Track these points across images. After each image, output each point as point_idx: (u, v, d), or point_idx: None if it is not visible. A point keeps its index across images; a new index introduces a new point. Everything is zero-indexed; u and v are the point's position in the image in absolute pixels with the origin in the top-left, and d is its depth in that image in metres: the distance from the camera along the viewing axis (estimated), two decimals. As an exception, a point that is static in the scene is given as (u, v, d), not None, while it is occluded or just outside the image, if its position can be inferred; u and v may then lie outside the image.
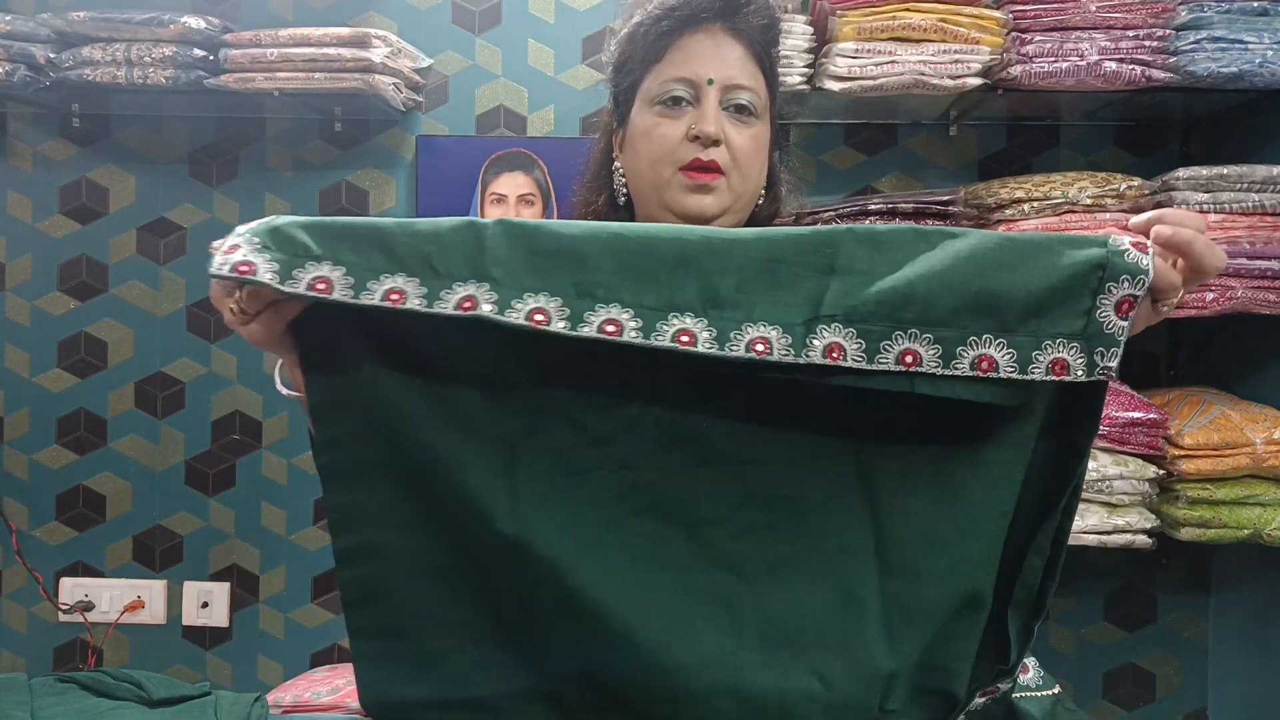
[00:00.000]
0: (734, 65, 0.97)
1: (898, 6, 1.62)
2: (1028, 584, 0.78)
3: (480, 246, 0.72)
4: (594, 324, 0.70)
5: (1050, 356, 0.69)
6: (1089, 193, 1.66)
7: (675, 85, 0.97)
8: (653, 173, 0.98)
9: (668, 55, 0.98)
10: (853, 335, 0.70)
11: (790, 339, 0.70)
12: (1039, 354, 0.69)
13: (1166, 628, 1.97)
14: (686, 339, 0.70)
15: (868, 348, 0.69)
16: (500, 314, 0.69)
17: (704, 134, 0.95)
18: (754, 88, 0.98)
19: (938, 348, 0.69)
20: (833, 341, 0.69)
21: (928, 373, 0.69)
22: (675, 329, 0.70)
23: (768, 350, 0.69)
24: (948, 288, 0.69)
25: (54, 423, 2.03)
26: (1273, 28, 1.61)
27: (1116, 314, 0.68)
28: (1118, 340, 0.68)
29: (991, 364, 0.69)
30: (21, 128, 2.03)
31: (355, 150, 2.00)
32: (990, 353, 0.69)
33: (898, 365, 0.69)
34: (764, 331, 0.70)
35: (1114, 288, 0.68)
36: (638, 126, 1.00)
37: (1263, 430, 1.61)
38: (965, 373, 0.69)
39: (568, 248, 0.72)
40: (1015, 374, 0.69)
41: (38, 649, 2.04)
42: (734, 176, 0.98)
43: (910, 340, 0.69)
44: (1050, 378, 0.69)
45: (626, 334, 0.69)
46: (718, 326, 0.70)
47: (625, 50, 1.02)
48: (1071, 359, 0.69)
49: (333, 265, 0.70)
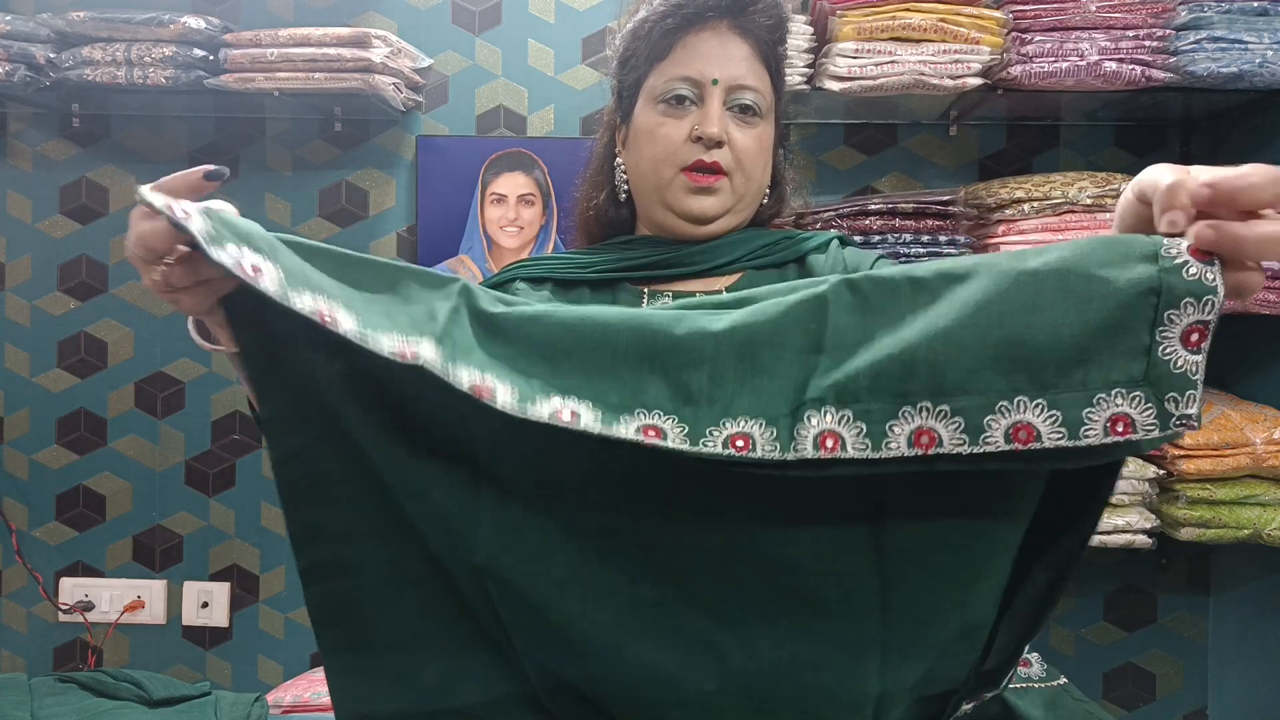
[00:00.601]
0: (740, 65, 0.95)
1: (898, 6, 1.62)
2: (1030, 597, 0.69)
3: (432, 314, 0.64)
4: (545, 410, 0.61)
5: (1107, 413, 0.55)
6: (1089, 193, 1.66)
7: (679, 84, 0.95)
8: (654, 173, 0.97)
9: (673, 53, 0.96)
10: (848, 420, 0.58)
11: (775, 431, 0.60)
12: (1091, 412, 0.55)
13: (1166, 628, 1.97)
14: (653, 434, 0.61)
15: (870, 432, 0.58)
16: (443, 372, 0.61)
17: (707, 135, 0.93)
18: (759, 88, 0.97)
19: (958, 421, 0.56)
20: (826, 430, 0.58)
21: (951, 453, 0.56)
22: (639, 424, 0.61)
23: (749, 447, 0.60)
24: (957, 345, 0.57)
25: (54, 423, 2.03)
26: (1273, 28, 1.61)
27: (1185, 347, 0.54)
28: (1192, 380, 0.53)
29: (1031, 433, 0.55)
30: (21, 128, 2.03)
31: (355, 150, 2.00)
32: (1028, 419, 0.55)
33: (912, 449, 0.57)
34: (745, 426, 0.60)
35: (1176, 316, 0.54)
36: (640, 125, 0.98)
37: (1263, 430, 1.61)
38: (1000, 447, 0.56)
39: (526, 337, 0.65)
40: (1064, 440, 0.55)
41: (38, 649, 2.04)
42: (737, 178, 0.96)
43: (923, 417, 0.57)
44: (1112, 439, 0.54)
45: (584, 422, 0.61)
46: (689, 424, 0.61)
47: (630, 46, 1.00)
48: (1136, 413, 0.54)
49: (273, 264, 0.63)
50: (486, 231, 1.95)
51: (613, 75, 1.05)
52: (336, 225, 2.00)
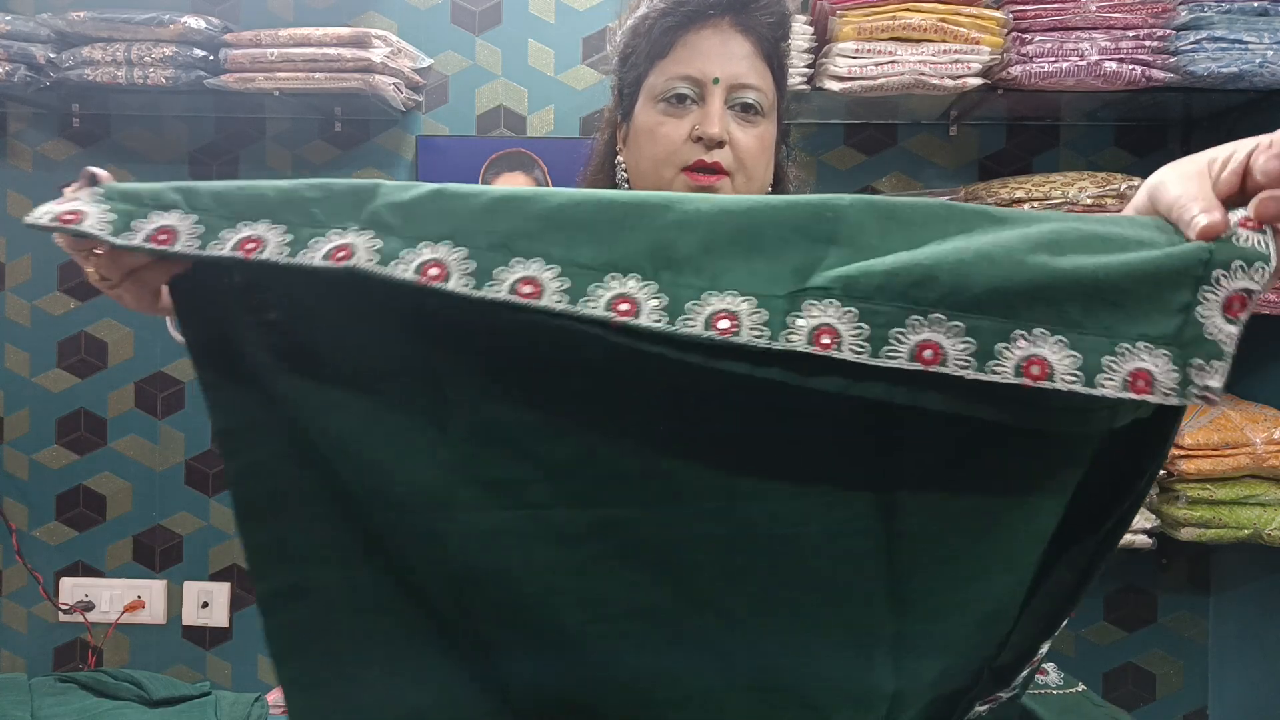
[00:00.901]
0: (741, 63, 0.94)
1: (898, 6, 1.62)
2: (1051, 594, 0.65)
3: (375, 193, 0.59)
4: (506, 283, 0.54)
5: (1130, 365, 0.49)
6: (1089, 193, 1.66)
7: (680, 83, 0.94)
8: (655, 173, 0.96)
9: (673, 51, 0.94)
10: (852, 317, 0.52)
11: (766, 314, 0.53)
12: (1113, 361, 0.50)
13: (1166, 628, 1.97)
14: (626, 308, 0.53)
15: (873, 335, 0.51)
16: (383, 265, 0.55)
17: (708, 135, 0.92)
18: (761, 86, 0.95)
19: (970, 342, 0.50)
20: (824, 324, 0.52)
21: (951, 374, 0.51)
22: (612, 294, 0.54)
23: (734, 329, 0.52)
24: (986, 263, 0.52)
25: (54, 423, 2.03)
26: (1273, 28, 1.61)
27: (1225, 315, 0.49)
28: (1223, 351, 0.49)
29: (1045, 369, 0.50)
30: (21, 128, 2.03)
31: (355, 150, 2.00)
32: (1044, 353, 0.50)
33: (912, 361, 0.51)
34: (732, 303, 0.53)
35: (1224, 278, 0.50)
36: (641, 124, 0.97)
37: (1263, 430, 1.61)
38: (1007, 377, 0.50)
39: (490, 198, 0.58)
40: (1079, 385, 0.49)
41: (38, 649, 2.04)
42: (739, 178, 0.95)
43: (933, 329, 0.51)
44: (1127, 394, 0.49)
45: (548, 297, 0.54)
46: (670, 293, 0.54)
47: (630, 43, 0.99)
48: (1158, 371, 0.49)
49: (184, 213, 0.59)
50: (486, 231, 1.95)
51: (613, 73, 1.04)
52: (336, 225, 2.00)
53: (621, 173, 1.02)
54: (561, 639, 0.63)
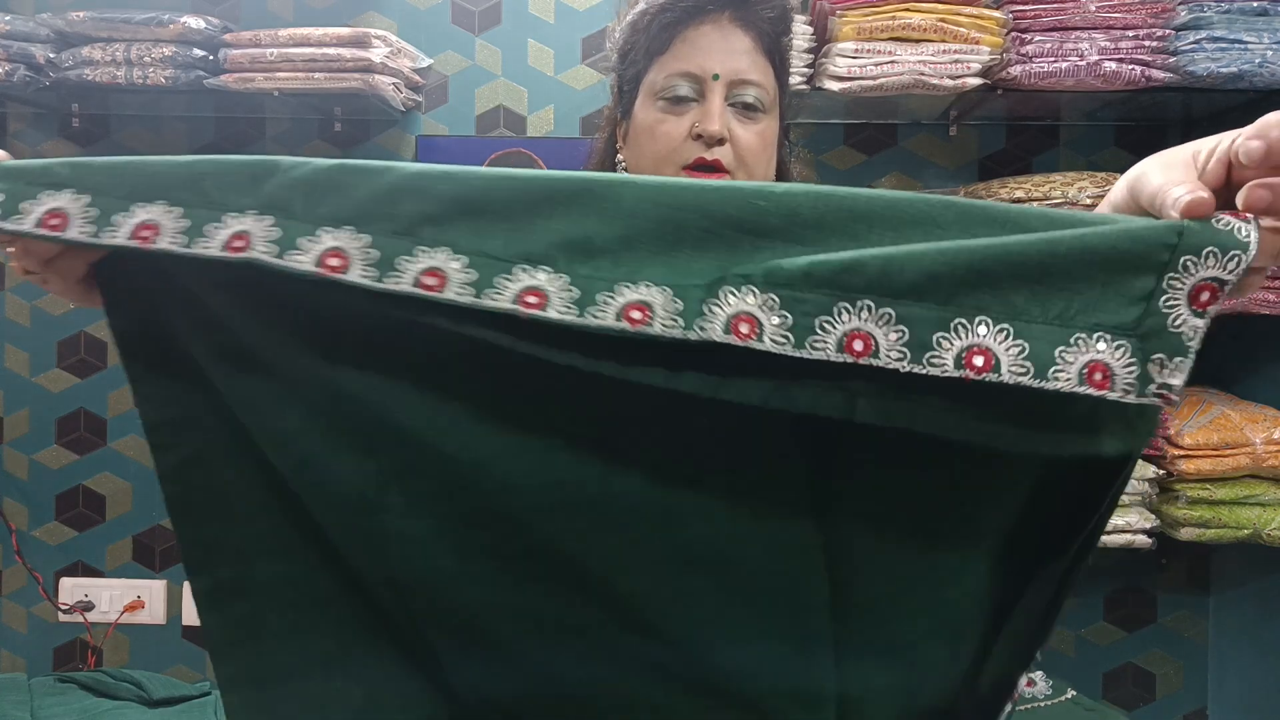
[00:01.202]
0: (741, 59, 0.92)
1: (898, 6, 1.62)
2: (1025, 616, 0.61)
3: (273, 170, 0.55)
4: (410, 273, 0.51)
5: (1085, 358, 0.46)
6: (1089, 193, 1.65)
7: (679, 81, 0.92)
8: (655, 170, 0.94)
9: (672, 47, 0.92)
10: (773, 305, 0.48)
11: (681, 304, 0.49)
12: (1066, 352, 0.46)
13: (1166, 628, 1.97)
14: (534, 300, 0.50)
15: (796, 324, 0.48)
16: (279, 256, 0.52)
17: (707, 134, 0.90)
18: (762, 82, 0.93)
19: (902, 330, 0.46)
20: (742, 311, 0.48)
21: (884, 367, 0.46)
22: (521, 286, 0.51)
23: (646, 319, 0.49)
24: (921, 247, 0.48)
25: (54, 423, 2.03)
26: (1273, 28, 1.61)
27: (1191, 306, 0.46)
28: (1186, 346, 0.46)
29: (989, 360, 0.46)
30: (21, 128, 2.03)
31: (355, 150, 2.00)
32: (987, 344, 0.46)
33: (840, 353, 0.47)
34: (646, 294, 0.50)
35: (1193, 265, 0.46)
36: (640, 122, 0.95)
37: (1262, 430, 1.61)
38: (946, 370, 0.46)
39: (398, 176, 0.55)
40: (1027, 378, 0.45)
41: (38, 649, 2.04)
42: (740, 175, 0.93)
43: (862, 318, 0.47)
44: (1083, 389, 0.45)
45: (451, 289, 0.51)
46: (582, 285, 0.50)
47: (629, 40, 0.97)
48: (1117, 365, 0.45)
49: (75, 194, 0.55)
50: (486, 231, 1.95)
51: (613, 70, 1.02)
52: (336, 225, 2.00)
53: (622, 170, 1.00)
54: (499, 649, 0.61)
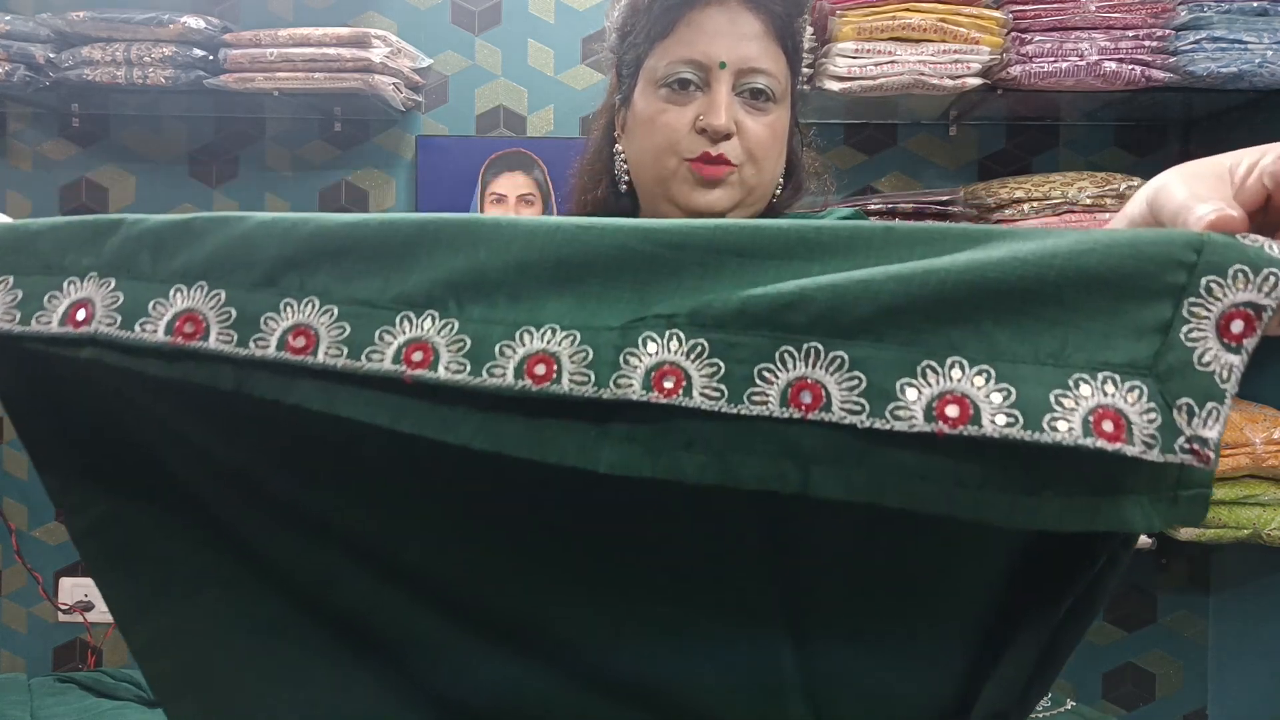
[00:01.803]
0: (750, 44, 0.84)
1: (898, 6, 1.62)
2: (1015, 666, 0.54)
3: (117, 225, 0.48)
4: (274, 334, 0.43)
5: (1091, 403, 0.36)
6: (1089, 193, 1.66)
7: (683, 68, 0.84)
8: (656, 164, 0.86)
9: (676, 30, 0.84)
10: (702, 353, 0.39)
11: (591, 353, 0.40)
12: (1064, 396, 0.36)
13: (1166, 628, 1.97)
14: (420, 357, 0.41)
15: (727, 373, 0.39)
16: (128, 328, 0.45)
17: (712, 127, 0.82)
18: (772, 70, 0.85)
19: (857, 378, 0.38)
20: (665, 361, 0.40)
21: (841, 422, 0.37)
22: (404, 340, 0.42)
23: (552, 375, 0.40)
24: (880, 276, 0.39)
25: (54, 423, 2.02)
26: (1273, 28, 1.61)
27: (1221, 338, 0.37)
28: (1220, 389, 0.37)
29: (966, 410, 0.36)
30: (21, 128, 2.03)
31: (355, 150, 2.00)
32: (962, 389, 0.37)
33: (785, 407, 0.38)
34: (551, 343, 0.41)
35: (1219, 288, 0.37)
36: (640, 111, 0.87)
37: (1262, 430, 1.61)
38: (915, 424, 0.37)
39: (255, 222, 0.47)
40: (1016, 429, 0.35)
41: (38, 649, 2.04)
42: (747, 169, 0.85)
43: (808, 364, 0.38)
44: (1090, 441, 0.35)
45: (323, 350, 0.43)
46: (474, 333, 0.42)
47: (629, 20, 0.89)
48: (1131, 411, 0.35)
49: None
50: (486, 231, 1.95)
51: (611, 51, 0.93)
52: (336, 225, 2.00)
53: (620, 163, 0.93)
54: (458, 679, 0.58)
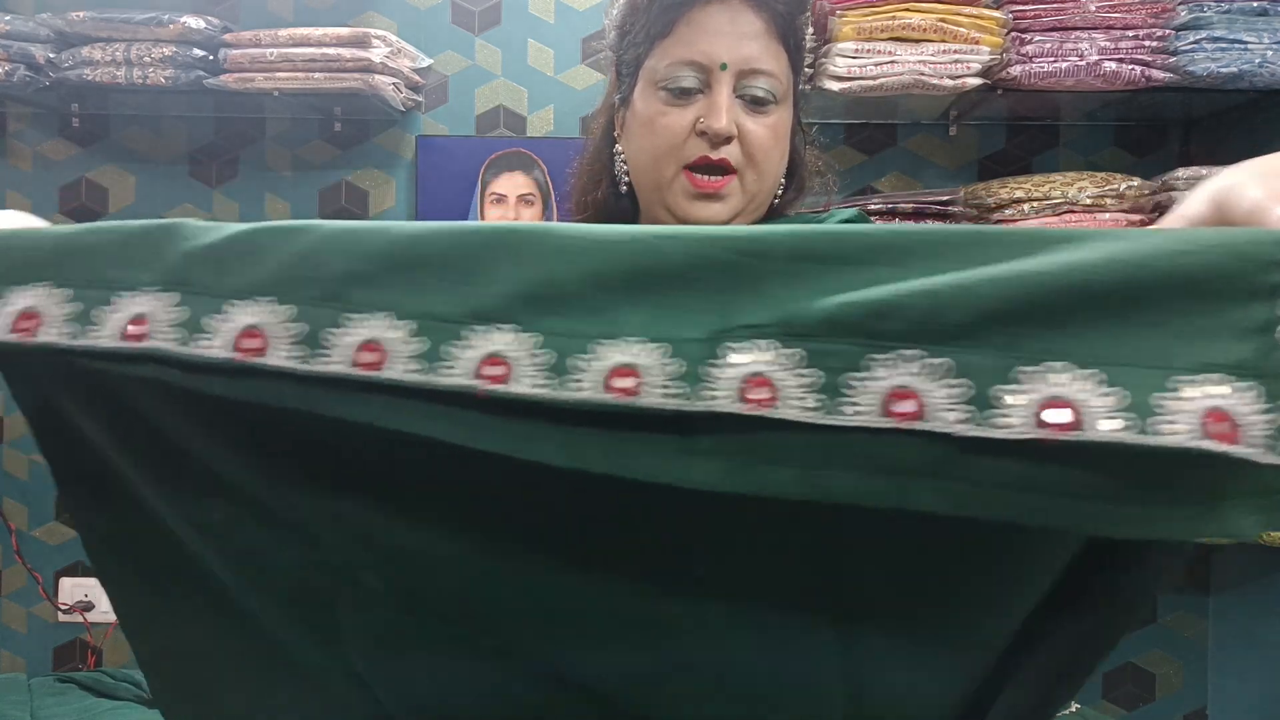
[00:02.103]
0: (752, 44, 0.81)
1: (897, 6, 1.62)
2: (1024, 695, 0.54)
3: (173, 233, 0.47)
4: (343, 349, 0.43)
5: (1199, 405, 0.35)
6: (1089, 193, 1.66)
7: (683, 69, 0.82)
8: (654, 169, 0.84)
9: (675, 30, 0.82)
10: (795, 362, 0.38)
11: (682, 364, 0.39)
12: (1166, 398, 0.35)
13: (1166, 628, 1.97)
14: (498, 372, 0.41)
15: (826, 383, 0.38)
16: (185, 345, 0.44)
17: (713, 131, 0.80)
18: (775, 71, 0.83)
19: (961, 386, 0.37)
20: (755, 372, 0.39)
21: (937, 433, 0.37)
22: (480, 354, 0.41)
23: (637, 388, 0.39)
24: (966, 283, 0.38)
25: (54, 423, 2.02)
26: (1273, 28, 1.61)
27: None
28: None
29: (1076, 415, 0.35)
30: (21, 128, 2.03)
31: (355, 150, 2.00)
32: (1070, 395, 0.36)
33: (884, 417, 0.37)
34: (635, 354, 0.40)
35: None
36: (640, 112, 0.85)
37: (1262, 430, 1.61)
38: (1024, 430, 0.36)
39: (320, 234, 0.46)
40: (1129, 433, 0.35)
41: (38, 649, 2.04)
42: (748, 175, 0.84)
43: (903, 370, 0.38)
44: (1203, 443, 0.34)
45: (393, 365, 0.42)
46: (556, 345, 0.41)
47: (628, 18, 0.87)
48: (1244, 410, 0.35)
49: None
50: (486, 231, 1.95)
51: (610, 49, 0.91)
52: (336, 225, 2.00)
53: (620, 163, 0.91)
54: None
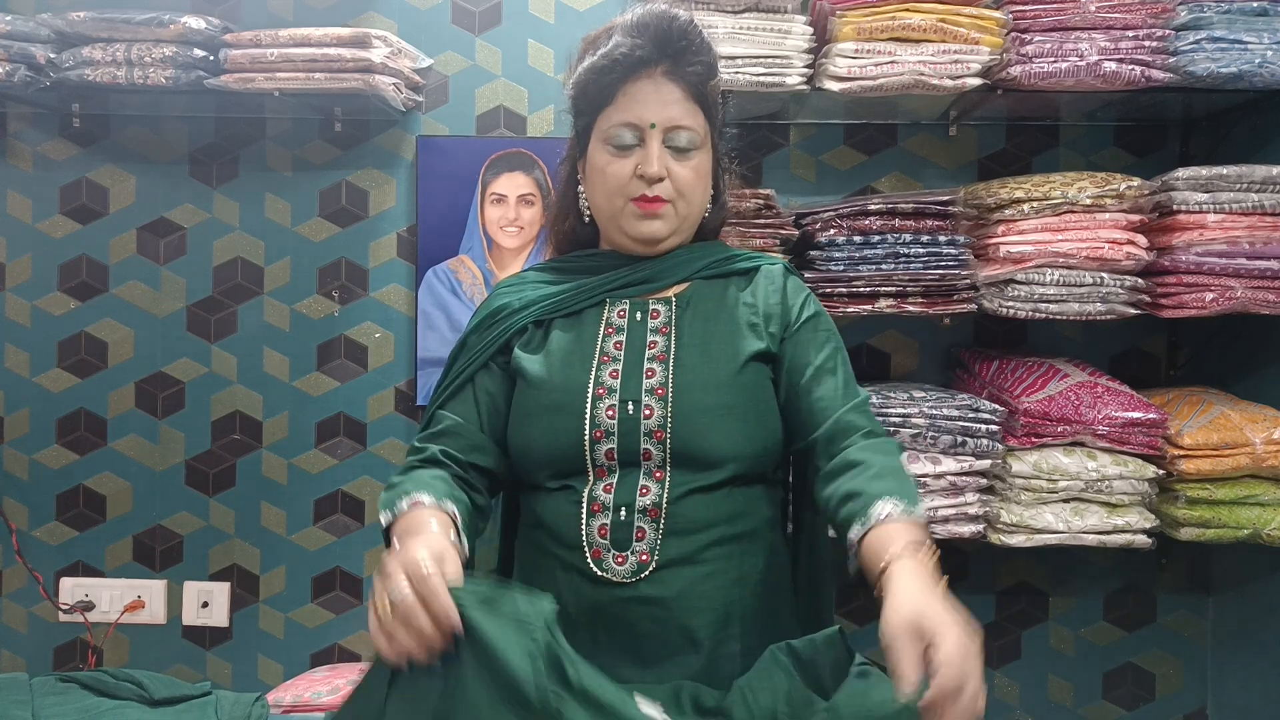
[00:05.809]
0: (674, 107, 1.11)
1: (897, 7, 1.62)
2: None
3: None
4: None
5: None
6: (1089, 193, 1.66)
7: (622, 129, 1.11)
8: (608, 204, 1.15)
9: (616, 100, 1.12)
10: None
11: None
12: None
13: (1166, 628, 1.97)
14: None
15: None
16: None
17: (647, 175, 1.10)
18: (693, 125, 1.12)
19: None
20: None
21: None
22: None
23: None
24: None
25: (54, 423, 2.03)
26: (1272, 28, 1.61)
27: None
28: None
29: None
30: (21, 128, 2.03)
31: (355, 150, 2.00)
32: None
33: None
34: None
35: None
36: (594, 162, 1.15)
37: (1262, 430, 1.61)
38: None
39: None
40: None
41: (38, 649, 2.04)
42: (679, 204, 1.14)
43: None
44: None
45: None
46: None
47: (580, 93, 1.16)
48: None
49: None
50: (486, 231, 1.95)
51: (569, 113, 1.20)
52: (336, 225, 2.00)
53: (583, 201, 1.21)
54: None
